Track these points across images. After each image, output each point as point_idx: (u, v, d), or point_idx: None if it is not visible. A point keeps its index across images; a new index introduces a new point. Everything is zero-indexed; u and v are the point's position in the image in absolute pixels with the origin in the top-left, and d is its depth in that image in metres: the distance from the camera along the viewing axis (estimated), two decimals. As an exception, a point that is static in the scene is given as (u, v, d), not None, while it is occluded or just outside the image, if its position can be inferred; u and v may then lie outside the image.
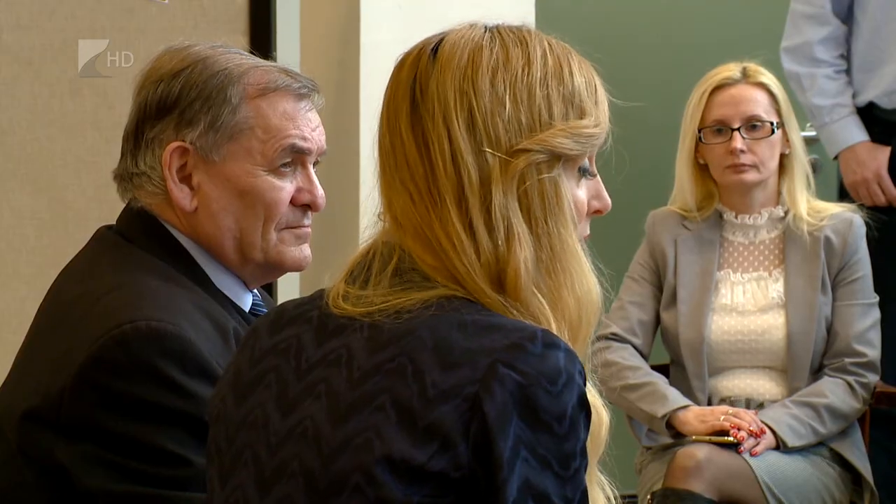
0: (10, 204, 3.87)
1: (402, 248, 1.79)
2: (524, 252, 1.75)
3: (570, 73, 1.77)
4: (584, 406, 1.65)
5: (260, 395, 1.83)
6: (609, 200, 1.89)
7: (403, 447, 1.65)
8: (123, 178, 2.31)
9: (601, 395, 1.96)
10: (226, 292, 2.31)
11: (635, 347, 3.91)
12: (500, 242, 1.75)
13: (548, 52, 1.77)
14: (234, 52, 2.37)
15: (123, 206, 2.34)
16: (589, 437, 1.74)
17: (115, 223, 2.36)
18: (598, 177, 1.87)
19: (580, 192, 1.80)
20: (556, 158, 1.74)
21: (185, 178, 2.26)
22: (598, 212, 1.88)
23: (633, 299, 3.97)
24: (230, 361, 1.95)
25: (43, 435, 2.15)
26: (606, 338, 3.94)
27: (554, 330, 1.77)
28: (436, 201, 1.77)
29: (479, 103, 1.75)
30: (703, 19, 5.77)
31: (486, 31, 1.79)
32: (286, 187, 2.29)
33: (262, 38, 3.96)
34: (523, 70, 1.76)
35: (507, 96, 1.75)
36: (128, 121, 2.33)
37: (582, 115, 1.75)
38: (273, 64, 2.39)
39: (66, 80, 3.90)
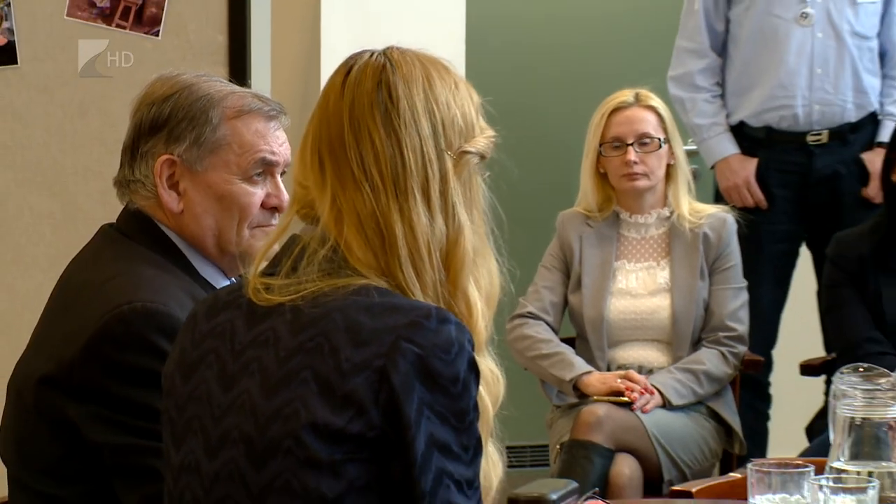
0: (30, 206, 4.06)
1: (338, 239, 1.83)
2: (470, 235, 1.86)
3: (473, 92, 1.91)
4: (473, 369, 1.77)
5: (203, 373, 1.88)
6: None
7: (325, 414, 1.74)
8: (122, 184, 2.36)
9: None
10: (208, 279, 2.35)
11: (547, 324, 4.04)
12: (452, 228, 1.84)
13: (458, 75, 1.93)
14: (216, 80, 2.41)
15: (122, 207, 2.39)
16: (487, 396, 1.87)
17: (115, 221, 2.40)
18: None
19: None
20: (480, 158, 1.88)
21: (174, 185, 2.31)
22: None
23: (546, 284, 4.07)
24: (175, 342, 1.98)
25: (56, 397, 2.20)
26: (523, 316, 4.08)
27: (478, 302, 1.89)
28: (404, 193, 1.82)
29: (440, 112, 1.84)
30: (605, 53, 5.82)
31: (416, 55, 1.91)
32: (258, 193, 2.33)
33: (238, 69, 4.06)
34: (456, 87, 1.88)
35: (455, 108, 1.85)
36: (125, 137, 2.37)
37: (484, 125, 1.92)
38: (247, 90, 2.42)
39: (76, 104, 4.04)
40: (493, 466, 1.92)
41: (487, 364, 1.90)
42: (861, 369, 2.59)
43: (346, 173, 1.83)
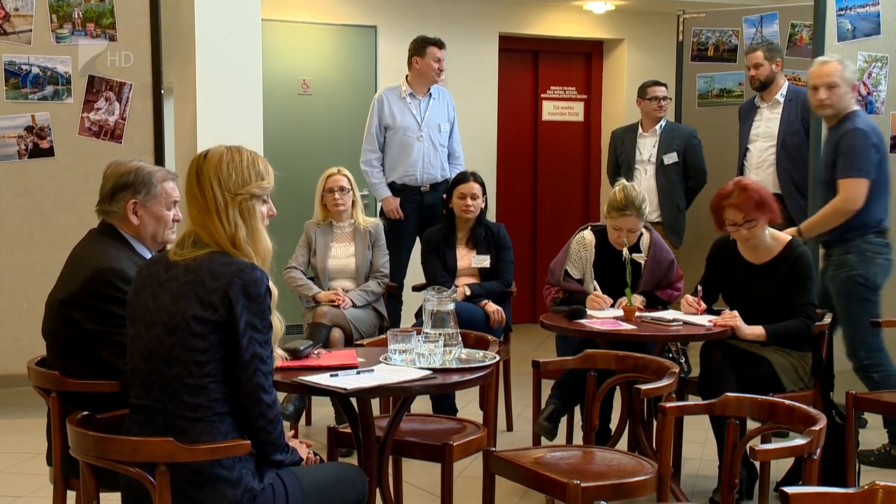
0: (63, 221, 5.49)
1: (197, 233, 2.33)
2: (241, 232, 2.35)
3: (256, 160, 2.39)
4: (270, 293, 2.26)
5: (144, 293, 2.36)
6: (274, 210, 2.44)
7: (199, 311, 2.25)
8: (102, 211, 2.85)
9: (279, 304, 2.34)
10: (141, 253, 2.80)
11: (301, 271, 5.38)
12: (233, 229, 2.34)
13: (248, 153, 2.37)
14: (149, 164, 2.90)
15: (100, 221, 2.89)
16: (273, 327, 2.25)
17: (96, 227, 2.88)
18: (270, 202, 2.44)
19: (262, 208, 2.41)
20: (252, 196, 2.37)
21: (134, 213, 2.80)
22: (271, 215, 2.46)
23: (301, 252, 5.40)
24: (133, 280, 2.42)
25: (68, 309, 2.70)
26: (290, 267, 5.37)
27: (257, 261, 2.32)
28: (211, 214, 2.33)
29: (221, 178, 2.31)
30: (332, 145, 7.16)
31: (219, 151, 2.33)
32: (171, 214, 2.85)
33: (159, 158, 5.54)
34: (241, 164, 2.37)
35: (233, 173, 2.33)
36: (105, 189, 2.85)
37: (261, 178, 2.39)
38: (164, 168, 2.92)
39: (83, 174, 5.46)
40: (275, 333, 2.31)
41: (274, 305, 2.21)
42: (436, 288, 3.10)
43: (192, 205, 2.33)
